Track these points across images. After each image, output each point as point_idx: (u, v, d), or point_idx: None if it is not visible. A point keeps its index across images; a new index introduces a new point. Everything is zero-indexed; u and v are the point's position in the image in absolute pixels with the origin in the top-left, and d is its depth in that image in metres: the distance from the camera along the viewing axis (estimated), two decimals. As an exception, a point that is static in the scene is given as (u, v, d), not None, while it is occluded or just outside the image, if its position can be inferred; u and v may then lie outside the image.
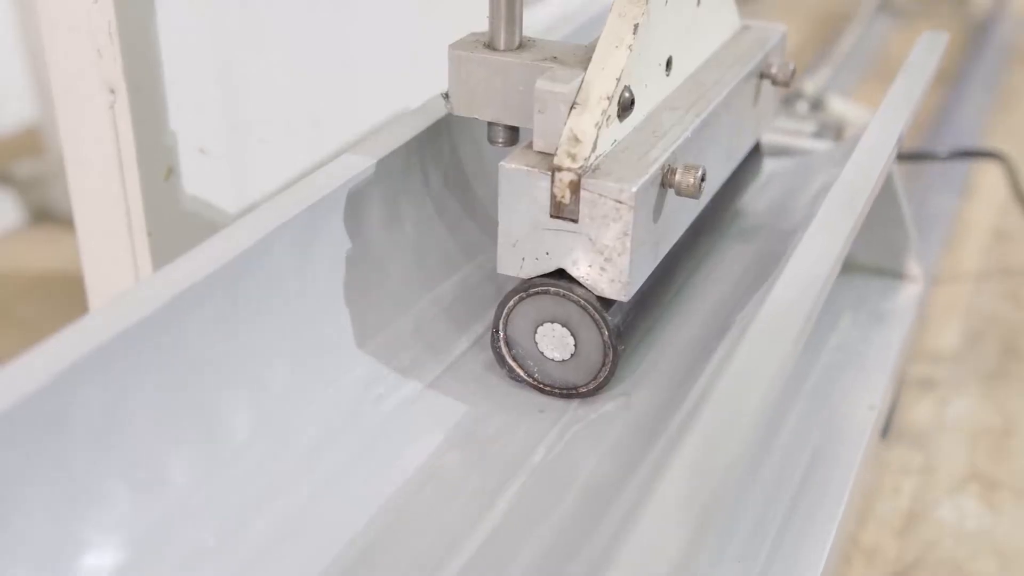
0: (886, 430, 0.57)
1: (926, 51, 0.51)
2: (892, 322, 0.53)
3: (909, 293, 0.56)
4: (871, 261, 0.57)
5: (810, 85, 0.84)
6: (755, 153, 0.56)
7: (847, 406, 0.47)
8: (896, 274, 0.57)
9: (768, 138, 0.64)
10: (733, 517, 0.39)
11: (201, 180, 0.48)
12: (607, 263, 0.40)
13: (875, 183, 0.40)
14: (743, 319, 0.46)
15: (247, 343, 0.38)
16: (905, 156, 0.74)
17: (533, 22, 0.49)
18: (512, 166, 0.40)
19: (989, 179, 0.90)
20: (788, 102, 0.80)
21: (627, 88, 0.41)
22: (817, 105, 0.80)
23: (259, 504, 0.37)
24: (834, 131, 0.74)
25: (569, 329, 0.42)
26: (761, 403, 0.29)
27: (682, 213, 0.45)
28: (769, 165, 0.61)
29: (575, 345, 0.42)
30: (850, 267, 0.57)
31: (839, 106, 0.81)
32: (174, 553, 0.34)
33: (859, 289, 0.56)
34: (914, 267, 0.57)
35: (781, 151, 0.64)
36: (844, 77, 1.02)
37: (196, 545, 0.35)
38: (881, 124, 0.44)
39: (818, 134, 0.72)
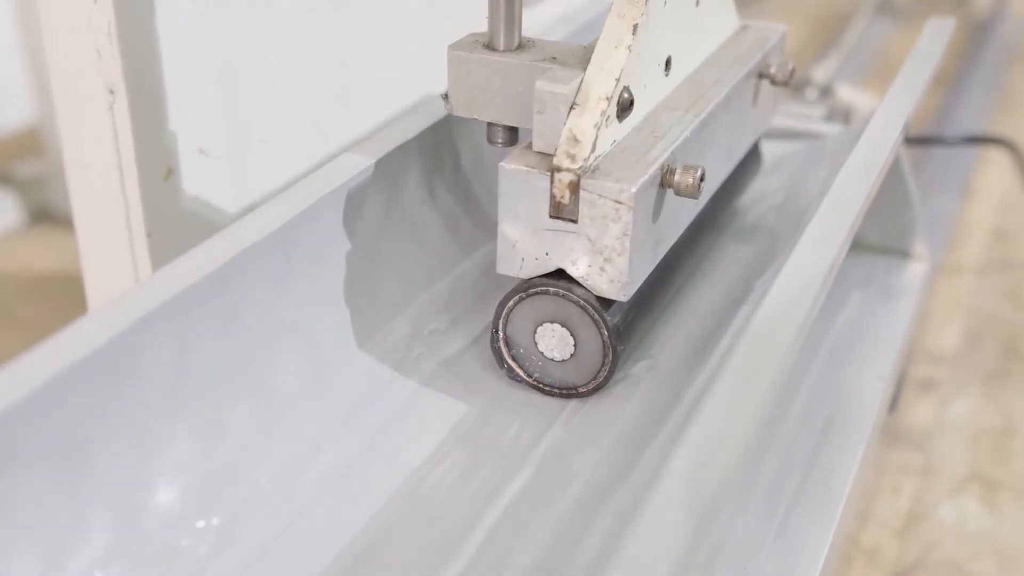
0: (894, 404, 0.58)
1: (933, 37, 0.53)
2: (900, 299, 0.55)
3: (916, 271, 0.58)
4: (879, 241, 0.59)
5: (819, 72, 0.84)
6: (754, 152, 0.56)
7: (857, 378, 0.48)
8: (903, 253, 0.59)
9: (779, 121, 0.66)
10: (750, 480, 0.41)
11: (201, 180, 0.48)
12: (606, 263, 0.40)
13: (883, 165, 0.42)
14: (761, 286, 0.47)
15: (298, 305, 0.41)
16: (914, 140, 0.75)
17: (532, 23, 0.49)
18: (512, 166, 0.40)
19: (989, 179, 0.90)
20: (797, 89, 0.82)
21: (626, 88, 0.41)
22: (826, 92, 0.82)
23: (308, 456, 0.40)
24: (842, 117, 0.75)
25: (569, 329, 0.42)
26: (770, 383, 0.29)
27: (681, 213, 0.45)
28: (780, 148, 0.64)
29: (575, 345, 0.42)
30: (859, 247, 0.59)
31: (847, 93, 0.82)
32: (234, 493, 0.37)
33: (868, 267, 0.58)
34: (920, 247, 0.59)
35: (793, 134, 0.67)
36: (845, 77, 1.02)
37: (253, 487, 0.38)
38: (889, 108, 0.46)
39: (827, 119, 0.74)
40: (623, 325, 0.42)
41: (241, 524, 0.36)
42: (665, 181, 0.41)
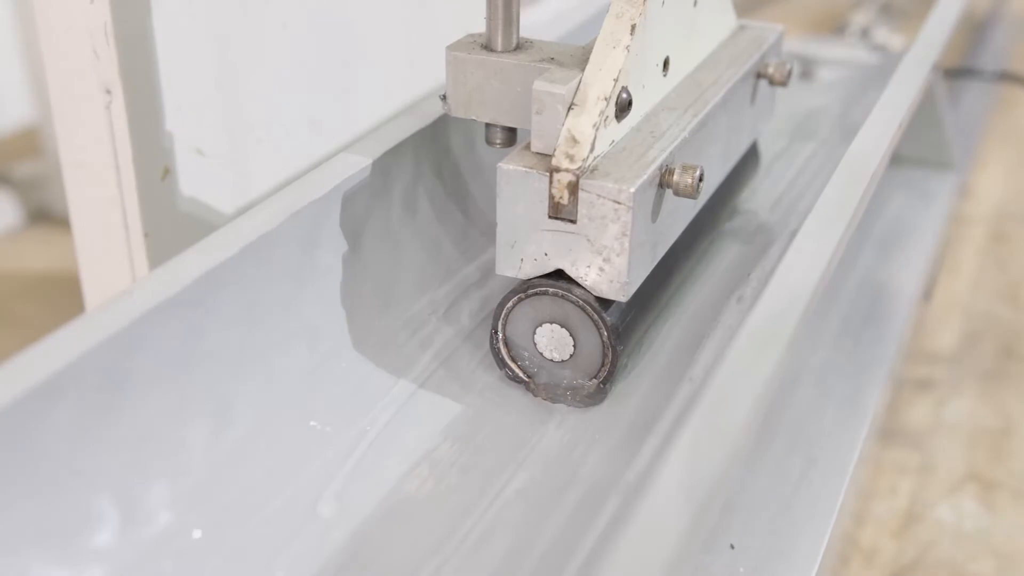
0: (928, 294, 0.66)
1: None
2: (935, 201, 0.68)
3: (949, 178, 0.71)
4: (917, 155, 0.71)
5: (860, 17, 0.94)
6: (752, 152, 0.56)
7: (901, 261, 0.60)
8: (937, 164, 0.71)
9: (828, 52, 0.80)
10: (815, 334, 0.51)
11: (198, 180, 0.48)
12: (606, 263, 0.40)
13: (916, 93, 0.48)
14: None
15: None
16: (952, 72, 0.86)
17: (530, 23, 0.49)
18: (510, 167, 0.40)
19: (987, 181, 0.90)
20: (838, 31, 0.93)
21: (624, 89, 0.41)
22: (865, 33, 0.92)
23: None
24: (880, 55, 0.85)
25: (568, 330, 0.42)
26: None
27: (680, 213, 0.45)
28: (832, 73, 0.78)
29: (574, 346, 0.42)
30: (899, 160, 0.71)
31: (885, 36, 0.92)
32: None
33: (907, 176, 0.70)
34: (952, 158, 0.71)
35: (842, 62, 0.80)
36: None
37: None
38: (922, 42, 0.54)
39: (871, 52, 0.85)
40: (622, 325, 0.42)
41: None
42: (664, 181, 0.41)
